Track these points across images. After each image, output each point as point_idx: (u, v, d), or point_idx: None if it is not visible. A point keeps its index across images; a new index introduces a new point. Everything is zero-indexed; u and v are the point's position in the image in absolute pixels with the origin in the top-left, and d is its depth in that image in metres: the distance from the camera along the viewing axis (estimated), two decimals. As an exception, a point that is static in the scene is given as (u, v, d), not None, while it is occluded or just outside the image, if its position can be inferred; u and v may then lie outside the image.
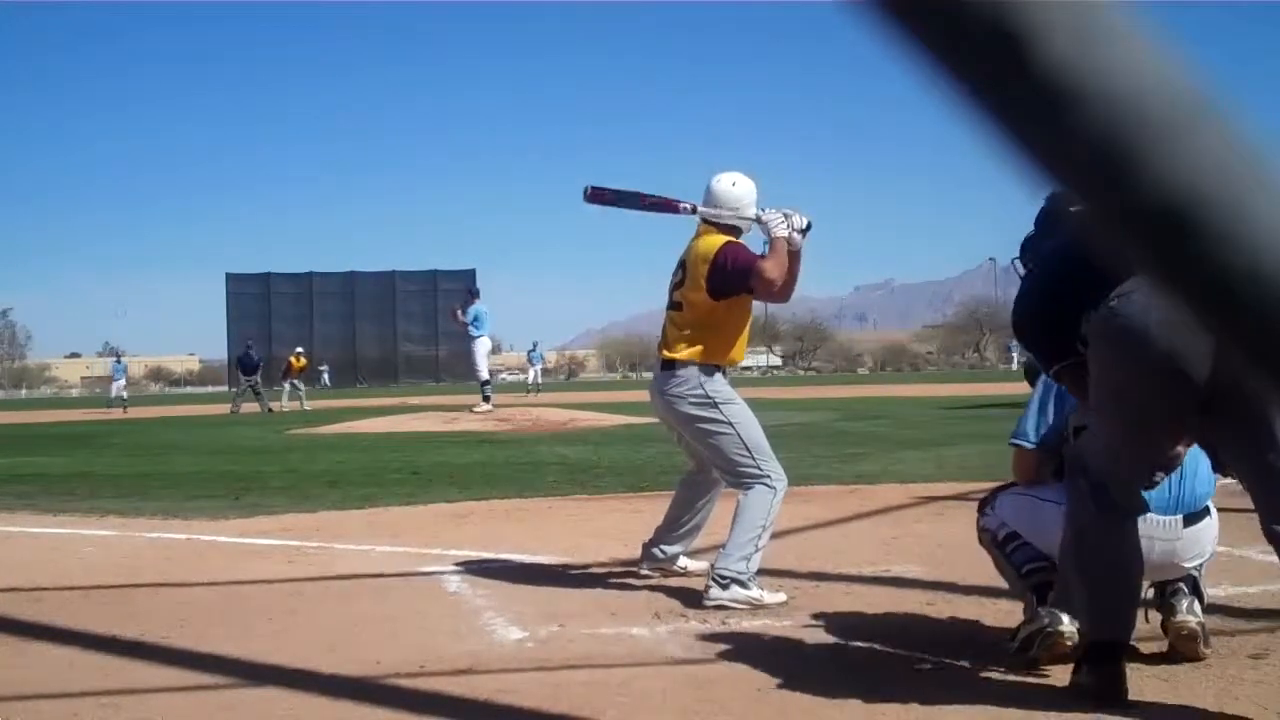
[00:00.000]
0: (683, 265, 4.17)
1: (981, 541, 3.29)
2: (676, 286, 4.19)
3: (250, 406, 25.18)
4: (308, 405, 25.72)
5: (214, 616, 3.81)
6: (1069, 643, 2.83)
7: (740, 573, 3.78)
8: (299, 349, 29.50)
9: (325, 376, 56.49)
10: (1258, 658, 2.94)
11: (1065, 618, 2.86)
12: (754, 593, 3.77)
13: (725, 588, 3.76)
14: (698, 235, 4.19)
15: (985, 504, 3.32)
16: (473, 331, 16.70)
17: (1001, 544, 3.21)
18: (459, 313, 16.87)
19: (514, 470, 9.05)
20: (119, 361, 33.33)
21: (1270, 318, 0.48)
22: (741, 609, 3.70)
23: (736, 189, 4.16)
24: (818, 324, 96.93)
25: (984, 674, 2.89)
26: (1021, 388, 4.44)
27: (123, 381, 31.06)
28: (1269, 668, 2.86)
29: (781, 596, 3.84)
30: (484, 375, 16.84)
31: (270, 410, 24.30)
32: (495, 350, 18.26)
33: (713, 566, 3.86)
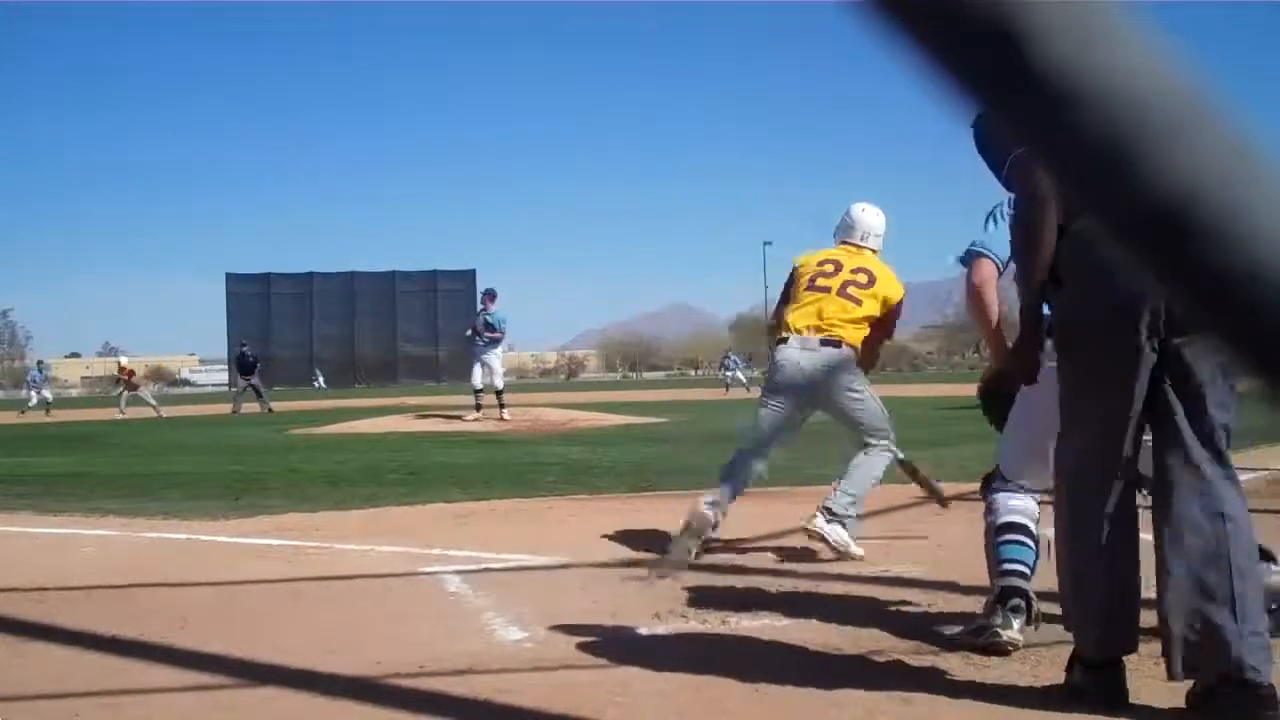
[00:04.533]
0: (868, 273, 4.79)
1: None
2: (858, 285, 4.77)
3: (250, 406, 25.18)
4: (163, 413, 24.33)
5: (214, 616, 3.81)
6: (1009, 648, 3.00)
7: (845, 515, 4.51)
8: (122, 359, 27.67)
9: (320, 379, 55.89)
10: (1258, 658, 2.93)
11: (1015, 624, 3.01)
12: (849, 538, 4.51)
13: (829, 521, 4.46)
14: (875, 256, 4.92)
15: (987, 482, 3.31)
16: (500, 334, 15.55)
17: (994, 532, 3.19)
18: (483, 321, 15.40)
19: (514, 470, 9.05)
20: (39, 369, 31.77)
21: (1270, 318, 0.48)
22: (832, 548, 4.46)
23: (879, 217, 4.98)
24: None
25: (984, 674, 2.89)
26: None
27: (34, 392, 29.25)
28: (1269, 668, 2.85)
29: (861, 552, 4.52)
30: (500, 383, 15.71)
31: (270, 410, 24.27)
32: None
33: (824, 501, 4.54)
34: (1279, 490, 6.52)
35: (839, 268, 4.82)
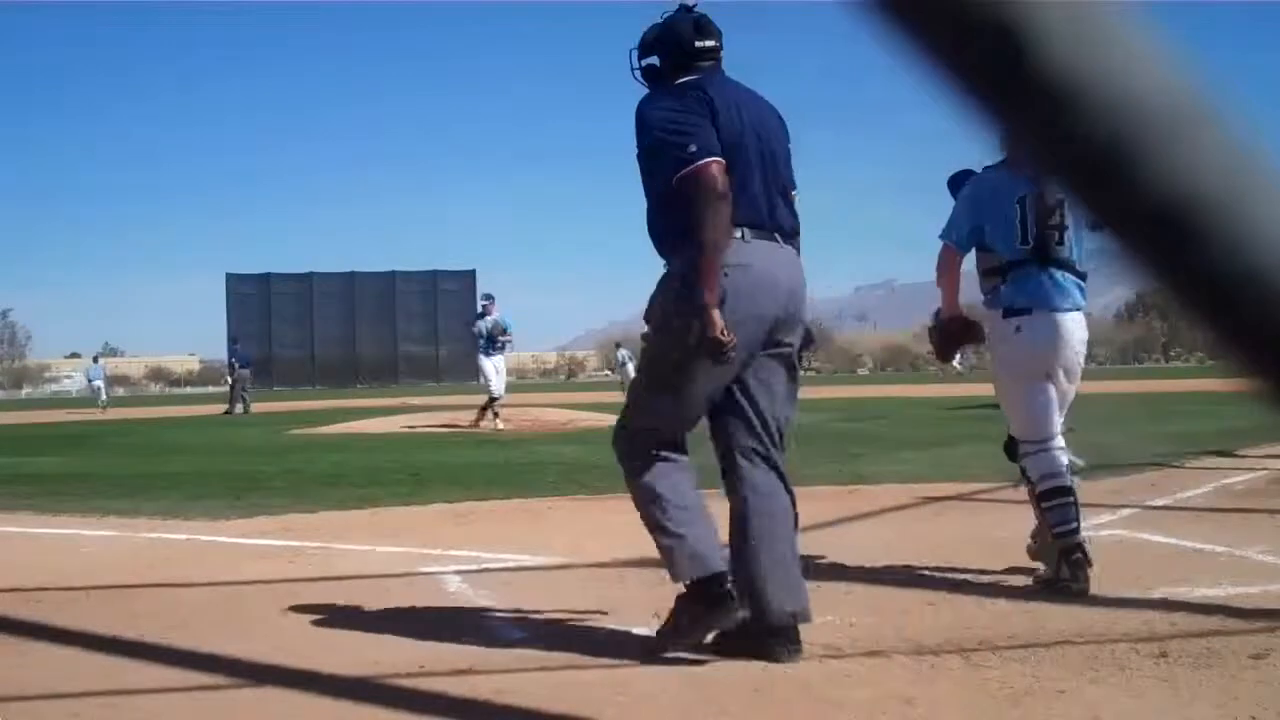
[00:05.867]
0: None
1: (1028, 490, 4.02)
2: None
3: (256, 406, 25.16)
4: None
5: (214, 616, 3.81)
6: (1085, 591, 3.69)
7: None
8: None
9: (101, 392, 52.48)
10: (1258, 658, 2.93)
11: (1084, 580, 3.71)
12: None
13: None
14: None
15: (1009, 449, 4.12)
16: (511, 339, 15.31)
17: (1041, 497, 3.88)
18: (495, 325, 15.12)
19: (514, 470, 9.05)
20: (99, 366, 35.16)
21: (1270, 319, 0.48)
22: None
23: None
24: (818, 324, 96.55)
25: (984, 673, 2.89)
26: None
27: (101, 387, 32.48)
28: (1269, 668, 2.85)
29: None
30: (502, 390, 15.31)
31: (231, 413, 24.21)
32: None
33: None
34: (1279, 490, 6.51)
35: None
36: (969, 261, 4.17)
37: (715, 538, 3.11)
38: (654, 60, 3.26)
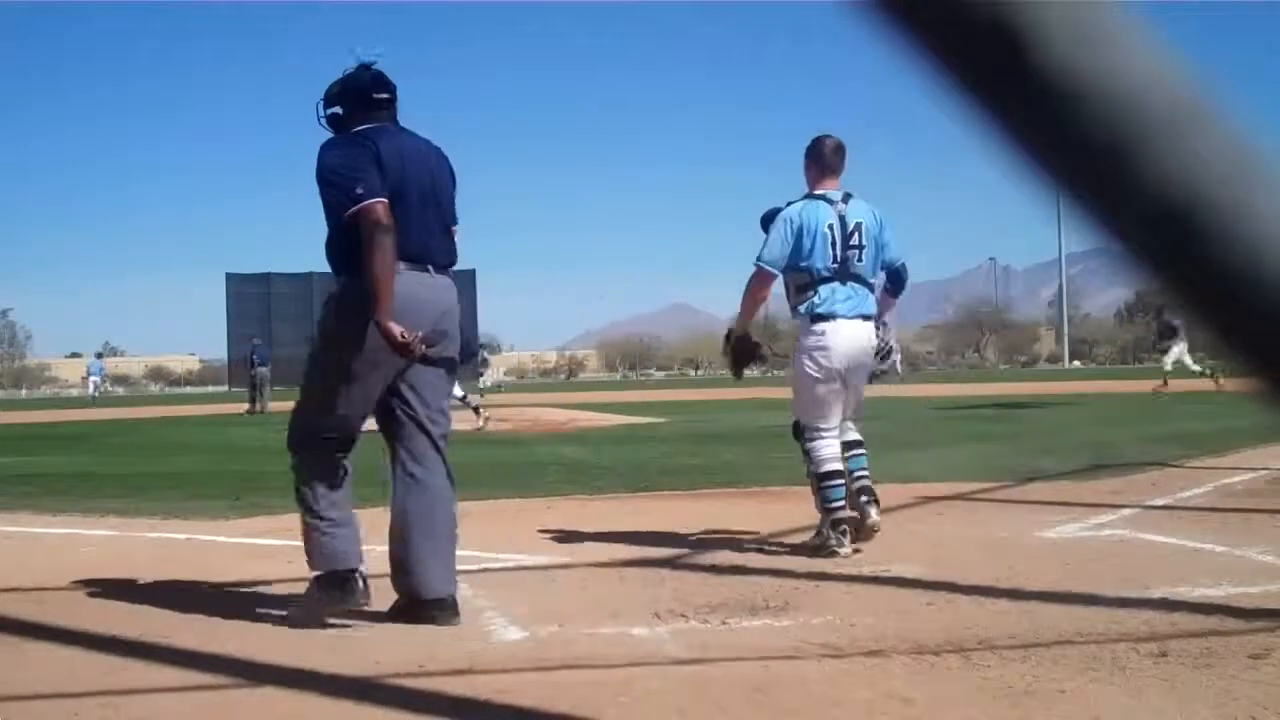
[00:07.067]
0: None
1: (808, 470, 4.73)
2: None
3: (276, 405, 25.12)
4: None
5: (214, 616, 3.81)
6: (843, 556, 4.52)
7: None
8: None
9: (94, 386, 47.95)
10: (1258, 658, 2.94)
11: (847, 542, 4.56)
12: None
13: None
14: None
15: (797, 430, 4.80)
16: None
17: (820, 478, 4.64)
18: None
19: (514, 470, 9.04)
20: (100, 363, 36.16)
21: (1271, 318, 0.48)
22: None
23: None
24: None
25: (984, 673, 2.89)
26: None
27: (95, 384, 33.53)
28: (1269, 668, 2.85)
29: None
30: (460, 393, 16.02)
31: (261, 410, 24.20)
32: (494, 351, 16.45)
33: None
34: (1279, 490, 6.51)
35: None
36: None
37: (357, 537, 3.68)
38: (338, 110, 3.74)
